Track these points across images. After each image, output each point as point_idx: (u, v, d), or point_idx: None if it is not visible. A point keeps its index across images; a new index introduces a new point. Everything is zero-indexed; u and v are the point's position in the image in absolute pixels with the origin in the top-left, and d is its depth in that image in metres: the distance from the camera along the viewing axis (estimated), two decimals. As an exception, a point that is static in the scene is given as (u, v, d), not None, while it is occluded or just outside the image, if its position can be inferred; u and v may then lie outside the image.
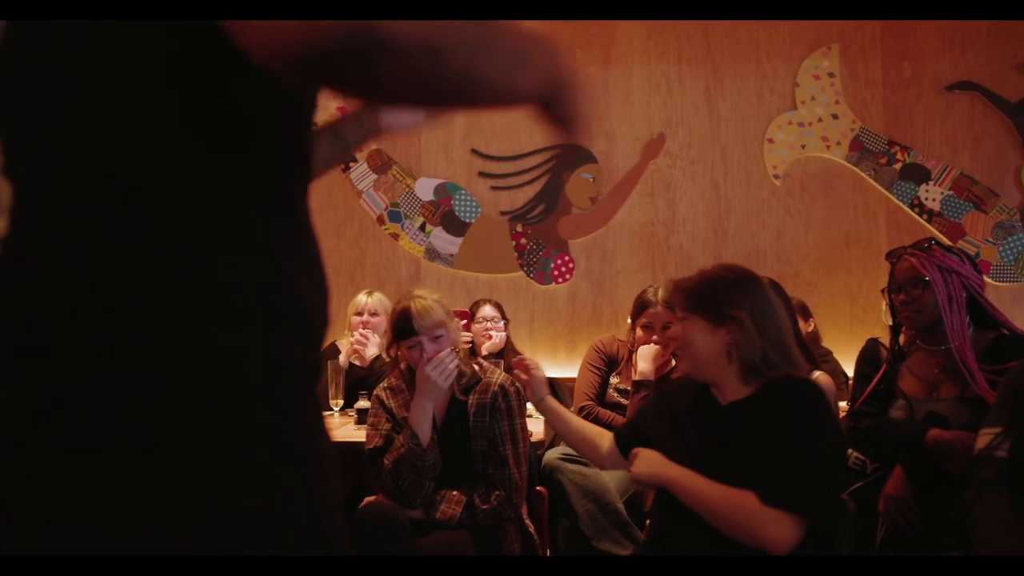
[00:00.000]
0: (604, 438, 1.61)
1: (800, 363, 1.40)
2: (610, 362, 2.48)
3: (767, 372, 1.35)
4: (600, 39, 3.94)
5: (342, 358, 2.97)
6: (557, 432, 1.83)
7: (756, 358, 1.35)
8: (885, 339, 1.93)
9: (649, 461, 1.36)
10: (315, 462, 0.58)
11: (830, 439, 1.32)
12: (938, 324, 1.69)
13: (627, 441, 1.52)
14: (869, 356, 1.89)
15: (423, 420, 1.75)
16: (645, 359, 2.24)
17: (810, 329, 3.31)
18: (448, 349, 1.76)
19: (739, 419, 1.34)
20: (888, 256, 1.84)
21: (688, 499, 1.29)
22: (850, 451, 1.81)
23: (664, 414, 1.48)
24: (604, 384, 2.46)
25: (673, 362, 2.25)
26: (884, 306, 3.30)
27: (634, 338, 2.38)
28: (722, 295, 1.37)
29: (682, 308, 1.40)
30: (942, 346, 1.71)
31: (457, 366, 1.77)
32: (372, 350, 2.92)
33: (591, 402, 2.43)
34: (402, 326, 1.78)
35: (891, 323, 1.86)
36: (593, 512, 2.10)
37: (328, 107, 3.98)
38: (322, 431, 0.61)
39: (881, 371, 1.79)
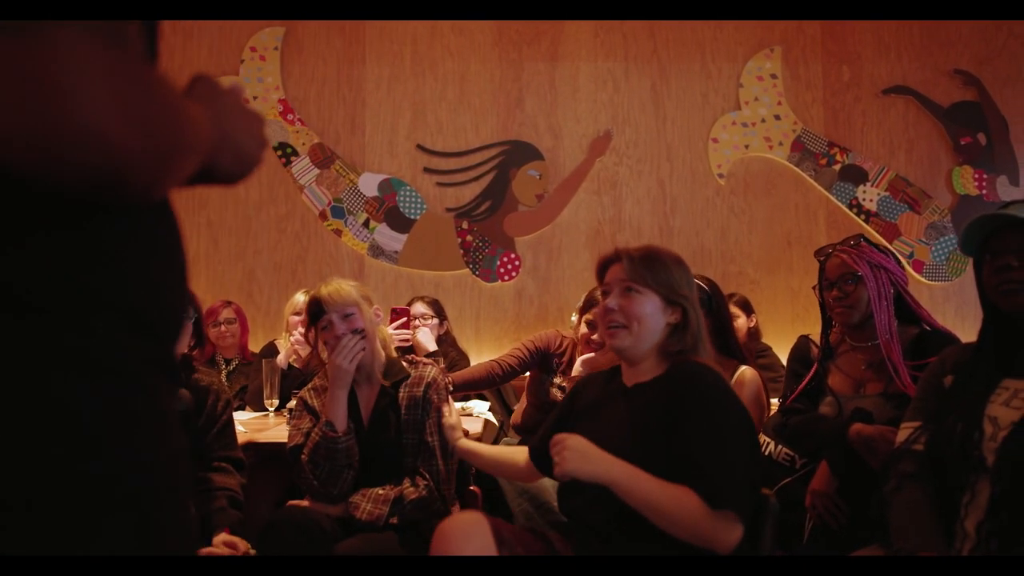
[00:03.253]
0: (518, 453, 1.61)
1: (709, 354, 1.39)
2: (542, 358, 2.47)
3: (677, 357, 1.34)
4: (548, 36, 3.93)
5: (281, 358, 2.88)
6: (477, 467, 1.82)
7: (687, 344, 1.35)
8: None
9: (583, 455, 1.23)
10: (149, 472, 0.51)
11: (748, 428, 1.31)
12: (869, 320, 1.71)
13: (542, 453, 1.48)
14: (800, 353, 1.90)
15: (337, 409, 1.73)
16: (584, 364, 2.22)
17: (752, 325, 3.35)
18: (350, 334, 1.72)
19: (651, 399, 1.32)
20: (817, 254, 1.85)
21: (631, 498, 1.21)
22: (779, 447, 1.82)
23: (575, 409, 1.46)
24: (518, 372, 2.49)
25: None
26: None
27: (577, 334, 2.38)
28: (676, 275, 1.37)
29: (636, 282, 1.35)
30: (869, 342, 1.73)
31: (363, 347, 1.74)
32: (308, 349, 2.84)
33: (495, 362, 2.52)
34: (313, 309, 1.77)
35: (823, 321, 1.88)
36: (528, 511, 2.07)
37: (269, 100, 3.88)
38: (164, 437, 0.53)
39: (812, 369, 1.80)
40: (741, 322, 3.33)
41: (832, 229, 3.93)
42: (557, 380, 2.46)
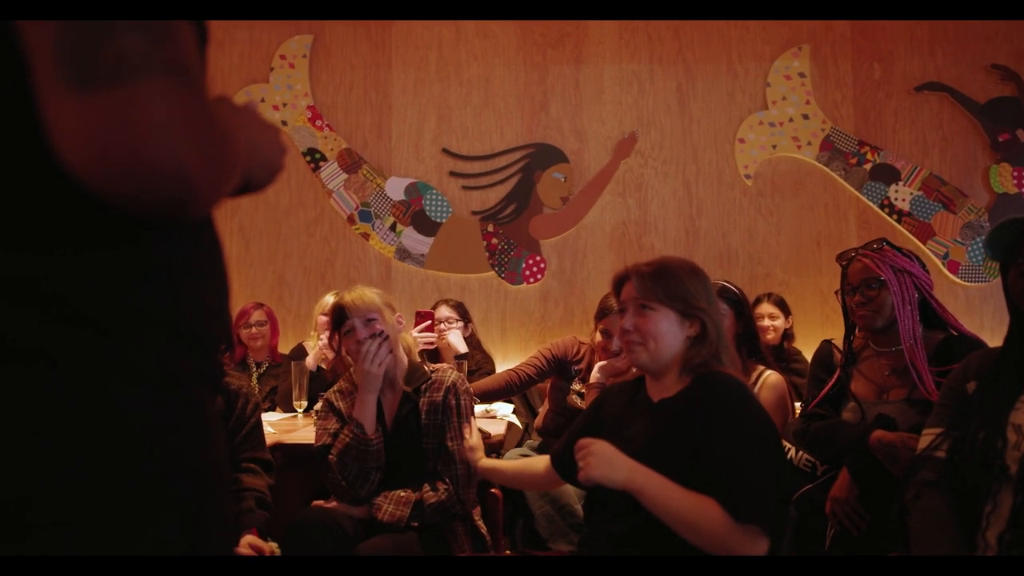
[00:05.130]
0: (539, 462, 1.62)
1: (733, 361, 1.38)
2: (560, 365, 2.48)
3: (699, 369, 1.34)
4: (572, 38, 3.93)
5: (310, 360, 2.94)
6: (500, 483, 1.83)
7: (708, 355, 1.33)
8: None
9: (608, 461, 1.23)
10: (194, 476, 0.55)
11: (773, 439, 1.31)
12: (892, 325, 1.69)
13: (565, 460, 1.49)
14: (822, 358, 1.88)
15: (366, 412, 1.77)
16: (602, 370, 2.22)
17: (788, 326, 3.31)
18: (370, 339, 1.76)
19: (675, 415, 1.31)
20: (839, 258, 1.83)
21: (655, 506, 1.20)
22: (800, 453, 1.80)
23: (599, 421, 1.46)
24: (536, 380, 2.51)
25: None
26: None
27: (593, 342, 2.39)
28: (690, 288, 1.35)
29: (649, 298, 1.34)
30: (893, 348, 1.70)
31: (389, 351, 1.77)
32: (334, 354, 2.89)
33: (514, 372, 2.55)
34: (336, 316, 1.82)
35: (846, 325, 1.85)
36: (549, 514, 2.08)
37: (298, 106, 3.95)
38: (208, 443, 0.57)
39: (835, 376, 1.78)
40: (780, 323, 3.29)
41: (863, 229, 3.86)
42: (576, 387, 2.46)
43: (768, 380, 1.95)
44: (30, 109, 0.47)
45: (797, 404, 2.15)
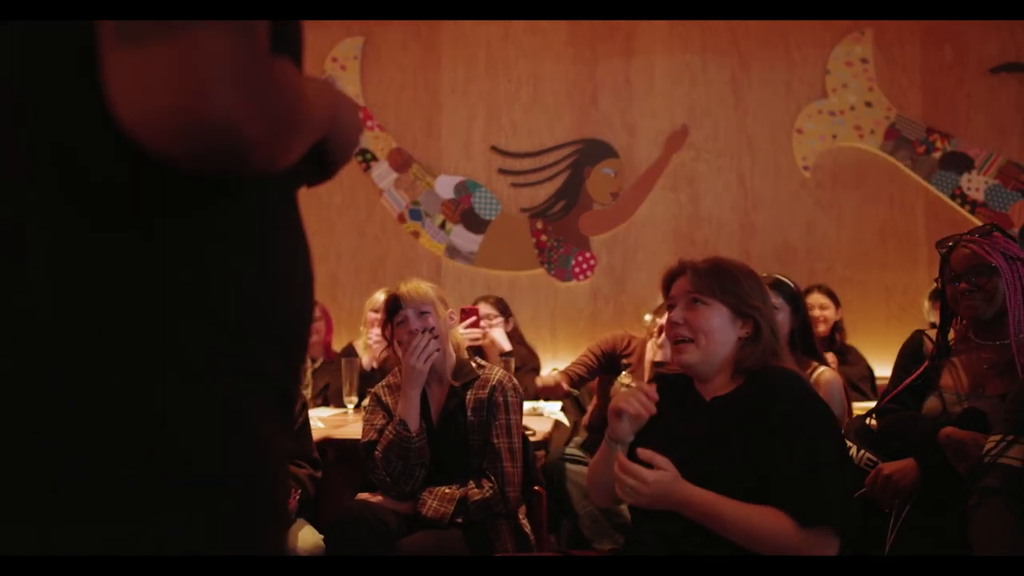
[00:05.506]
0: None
1: (792, 364, 1.32)
2: (609, 360, 2.44)
3: (751, 367, 1.29)
4: (622, 31, 3.87)
5: (365, 360, 2.98)
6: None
7: (762, 357, 1.29)
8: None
9: (663, 498, 1.21)
10: (201, 476, 0.52)
11: (836, 431, 1.26)
12: (999, 316, 1.58)
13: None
14: (911, 349, 1.76)
15: (410, 408, 1.78)
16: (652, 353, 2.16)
17: (839, 317, 3.19)
18: (422, 334, 1.76)
19: (732, 413, 1.27)
20: (939, 245, 1.71)
21: (713, 524, 1.18)
22: (862, 452, 1.72)
23: (650, 420, 1.42)
24: (588, 379, 2.46)
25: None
26: (926, 304, 3.15)
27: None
28: (746, 286, 1.32)
29: (702, 292, 1.30)
30: (998, 341, 1.60)
31: (437, 348, 1.78)
32: (384, 348, 2.92)
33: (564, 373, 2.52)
34: (392, 304, 1.85)
35: (935, 319, 1.76)
36: (594, 514, 2.05)
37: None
38: (262, 445, 0.55)
39: (922, 367, 1.69)
40: (830, 313, 3.19)
41: (932, 222, 3.66)
42: (626, 380, 2.42)
43: (822, 377, 1.87)
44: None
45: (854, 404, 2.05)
